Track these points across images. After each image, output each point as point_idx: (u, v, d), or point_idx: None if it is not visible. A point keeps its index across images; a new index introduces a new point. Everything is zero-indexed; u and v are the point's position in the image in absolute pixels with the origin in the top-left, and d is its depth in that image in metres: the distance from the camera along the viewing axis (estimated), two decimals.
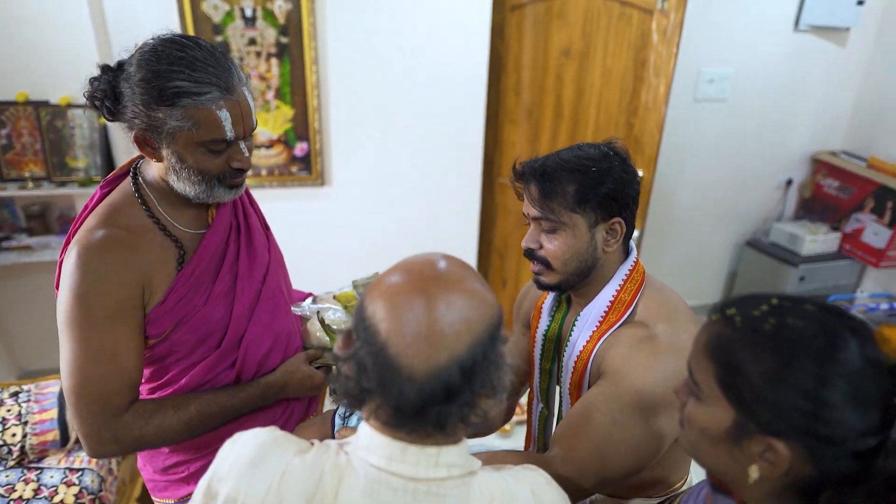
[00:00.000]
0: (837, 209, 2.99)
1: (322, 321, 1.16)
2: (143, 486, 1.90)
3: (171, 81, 0.88)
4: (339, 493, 0.59)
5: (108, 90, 0.93)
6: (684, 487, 1.14)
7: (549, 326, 1.12)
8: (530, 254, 1.00)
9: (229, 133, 0.93)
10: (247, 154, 0.99)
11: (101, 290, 0.91)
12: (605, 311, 0.99)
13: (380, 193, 2.56)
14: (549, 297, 1.15)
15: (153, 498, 1.19)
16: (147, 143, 0.93)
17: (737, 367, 0.58)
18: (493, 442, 2.42)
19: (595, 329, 1.00)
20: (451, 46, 2.36)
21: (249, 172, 1.05)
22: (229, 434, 0.69)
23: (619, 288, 0.99)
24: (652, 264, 3.00)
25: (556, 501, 0.67)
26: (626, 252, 1.03)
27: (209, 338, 1.04)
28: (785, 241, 3.02)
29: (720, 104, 2.88)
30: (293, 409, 1.18)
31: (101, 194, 1.02)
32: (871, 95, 2.95)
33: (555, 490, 0.69)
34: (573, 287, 1.02)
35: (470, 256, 2.80)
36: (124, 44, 0.95)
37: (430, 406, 0.57)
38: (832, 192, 3.01)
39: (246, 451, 0.62)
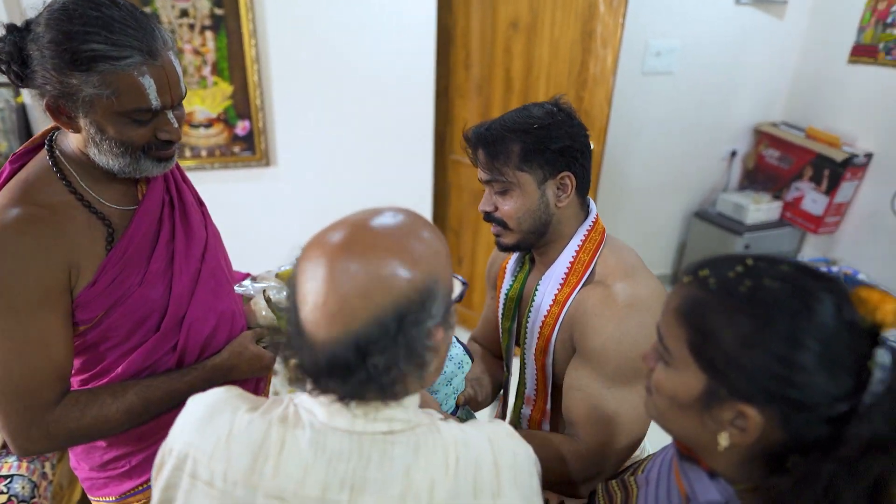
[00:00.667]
0: (779, 178, 3.09)
1: (268, 300, 1.10)
2: (83, 491, 1.80)
3: (86, 44, 0.79)
4: (285, 445, 0.60)
5: (13, 52, 0.82)
6: (644, 454, 1.14)
7: (511, 286, 1.13)
8: (488, 216, 1.01)
9: (154, 102, 0.85)
10: (176, 125, 0.91)
11: (22, 274, 0.82)
12: (565, 273, 1.00)
13: (328, 173, 2.47)
14: (514, 258, 1.16)
15: (91, 498, 1.10)
16: (61, 111, 0.84)
17: (710, 331, 0.56)
18: None
19: (558, 290, 1.00)
20: (397, 19, 2.27)
21: (188, 153, 0.97)
22: (174, 422, 0.66)
23: (578, 248, 1.00)
24: None
25: (518, 453, 0.65)
26: (587, 212, 1.03)
27: (147, 320, 0.97)
28: (730, 211, 3.10)
29: (667, 77, 2.91)
30: None
31: (11, 170, 0.92)
32: (808, 67, 3.04)
33: (517, 442, 0.66)
34: (533, 246, 1.03)
35: None
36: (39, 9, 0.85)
37: (325, 378, 0.57)
38: (773, 162, 3.11)
39: (198, 408, 0.65)
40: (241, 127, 2.27)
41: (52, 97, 0.83)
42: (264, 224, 2.46)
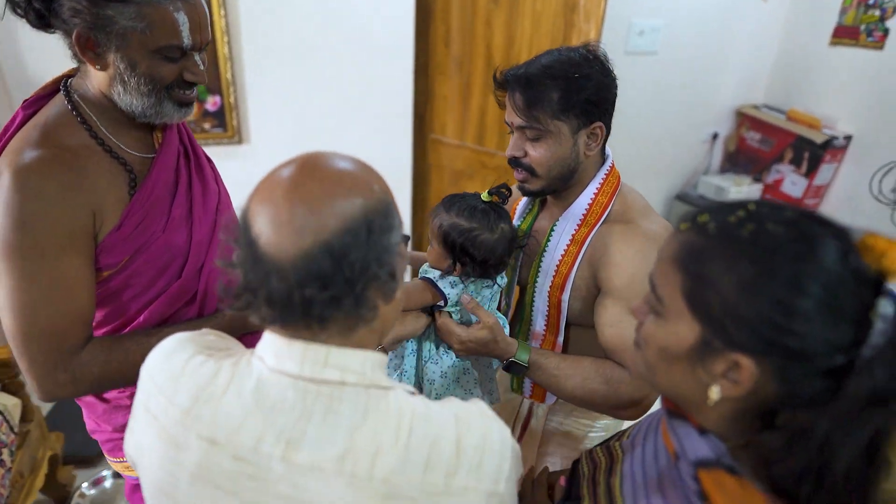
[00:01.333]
0: (759, 161, 3.09)
1: None
2: (47, 477, 1.74)
3: None
4: (229, 389, 0.59)
5: None
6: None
7: (518, 226, 1.15)
8: (516, 162, 1.02)
9: (186, 40, 0.85)
10: (202, 67, 0.92)
11: (46, 216, 0.82)
12: (584, 214, 1.03)
13: (305, 150, 2.40)
14: (524, 199, 1.18)
15: (111, 460, 1.11)
16: (90, 46, 0.83)
17: (708, 277, 0.53)
18: None
19: (575, 230, 1.03)
20: None
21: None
22: None
23: (596, 191, 1.03)
24: None
25: (489, 434, 0.60)
26: (604, 157, 1.06)
27: (169, 267, 0.96)
28: (712, 194, 3.09)
29: (651, 57, 2.87)
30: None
31: (25, 115, 0.91)
32: (790, 48, 3.03)
33: (490, 422, 0.61)
34: (556, 192, 1.05)
35: (403, 216, 2.70)
36: None
37: (298, 292, 0.54)
38: (754, 144, 3.10)
39: (168, 343, 0.67)
40: (212, 102, 2.18)
41: (83, 29, 0.81)
42: (238, 203, 2.39)
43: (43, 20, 0.83)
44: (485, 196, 1.01)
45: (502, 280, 1.09)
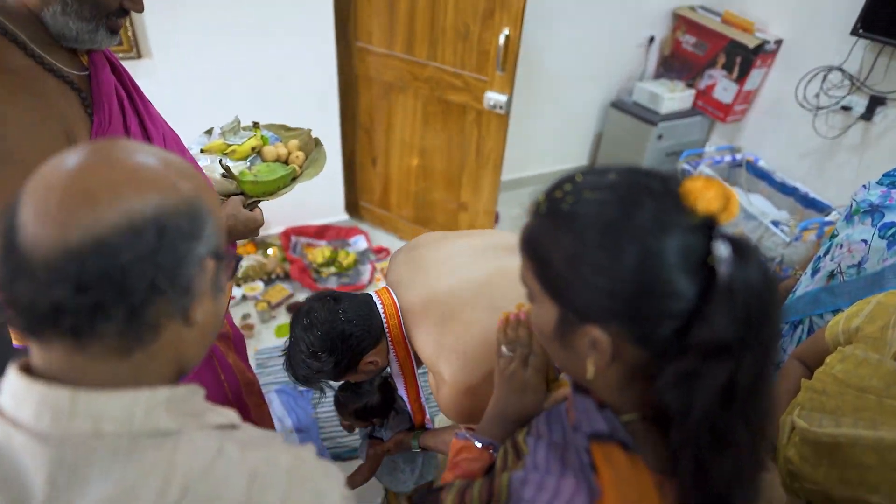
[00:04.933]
0: (693, 66, 3.07)
1: (227, 168, 1.15)
2: None
3: None
4: None
5: None
6: None
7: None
8: None
9: None
10: None
11: (23, 145, 0.78)
12: None
13: (213, 64, 2.17)
14: None
15: None
16: None
17: (544, 256, 0.54)
18: None
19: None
20: None
21: None
22: None
23: None
24: (522, 130, 2.95)
25: (300, 489, 0.51)
26: None
27: None
28: (646, 101, 3.08)
29: None
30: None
31: None
32: None
33: (311, 477, 0.52)
34: None
35: (332, 135, 2.55)
36: None
37: (45, 294, 0.43)
38: (689, 48, 3.06)
39: None
40: None
41: None
42: None
43: None
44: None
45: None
